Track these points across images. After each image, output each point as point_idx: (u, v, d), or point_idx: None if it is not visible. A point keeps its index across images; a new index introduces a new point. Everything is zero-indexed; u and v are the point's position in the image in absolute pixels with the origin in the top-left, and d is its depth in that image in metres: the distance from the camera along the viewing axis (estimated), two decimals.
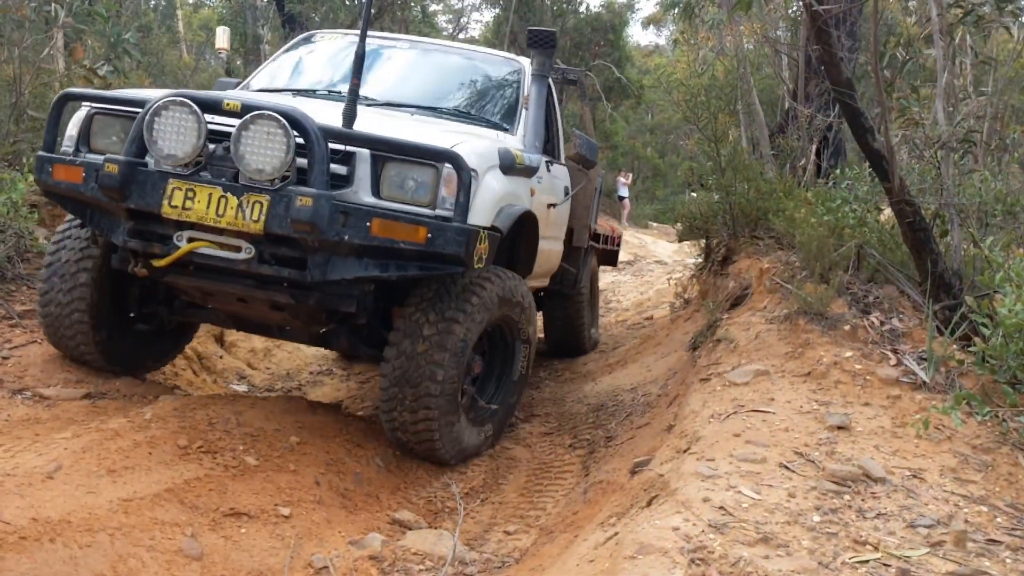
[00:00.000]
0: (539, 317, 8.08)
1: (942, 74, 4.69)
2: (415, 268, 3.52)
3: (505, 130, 4.76)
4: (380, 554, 3.13)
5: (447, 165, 3.44)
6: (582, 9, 25.32)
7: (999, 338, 3.14)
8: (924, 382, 3.42)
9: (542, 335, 7.29)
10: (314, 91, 4.89)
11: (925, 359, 3.56)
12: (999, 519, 2.52)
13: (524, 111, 4.93)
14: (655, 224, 24.01)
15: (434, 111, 4.77)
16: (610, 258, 8.22)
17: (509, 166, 4.03)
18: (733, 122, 8.34)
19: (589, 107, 7.12)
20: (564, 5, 24.82)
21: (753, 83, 8.19)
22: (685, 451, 3.04)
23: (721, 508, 2.42)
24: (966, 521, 2.48)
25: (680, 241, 8.45)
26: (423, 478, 4.06)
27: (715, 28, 10.70)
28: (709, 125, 6.30)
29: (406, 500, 3.78)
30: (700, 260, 7.07)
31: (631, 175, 26.11)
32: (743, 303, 4.91)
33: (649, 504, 2.67)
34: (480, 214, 3.63)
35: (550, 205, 5.02)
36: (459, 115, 4.83)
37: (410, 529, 3.43)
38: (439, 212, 3.46)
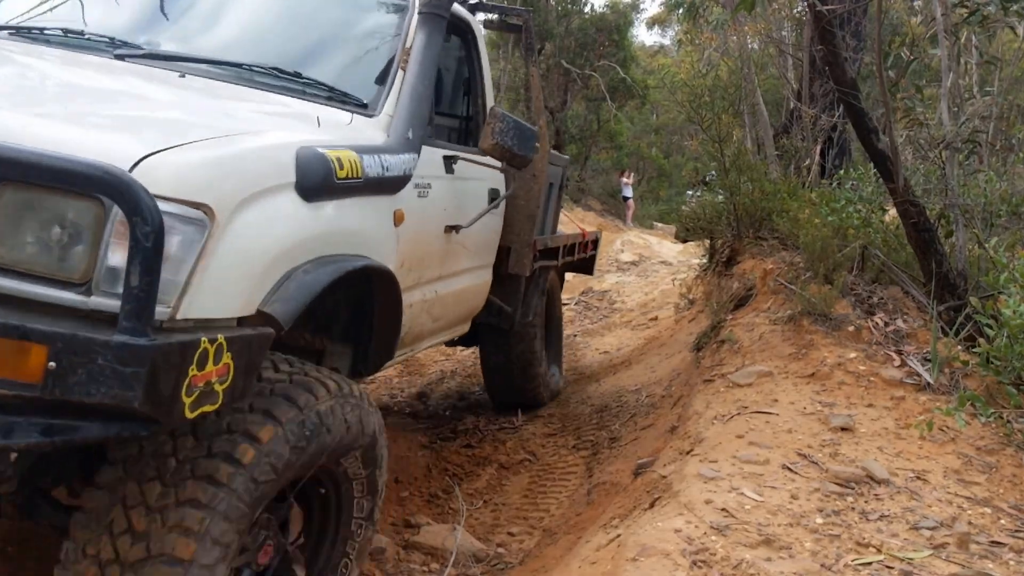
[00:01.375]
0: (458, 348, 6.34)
1: (947, 74, 4.68)
2: (35, 432, 1.66)
3: (361, 106, 2.95)
4: (383, 555, 3.14)
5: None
6: (587, 10, 25.31)
7: (1003, 339, 3.14)
8: (928, 383, 3.42)
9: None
10: (43, 30, 2.99)
11: (929, 360, 3.55)
12: (1003, 521, 2.52)
13: (400, 74, 3.08)
14: (660, 224, 23.98)
15: (237, 70, 2.95)
16: (584, 266, 6.47)
17: (319, 184, 2.24)
18: (737, 122, 8.33)
19: (537, 68, 4.52)
20: (569, 5, 24.80)
21: (757, 83, 8.19)
22: (688, 452, 3.04)
23: (723, 510, 2.42)
24: (969, 523, 2.48)
25: (682, 242, 8.35)
26: (426, 479, 4.07)
27: (719, 28, 10.69)
28: (713, 126, 6.30)
29: (409, 501, 3.79)
30: (704, 261, 7.06)
31: (633, 175, 26.09)
32: (747, 304, 4.90)
33: (652, 506, 2.67)
34: (215, 294, 1.85)
35: (451, 228, 3.36)
36: (280, 79, 2.96)
37: (411, 528, 3.43)
38: (96, 301, 1.72)
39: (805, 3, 5.62)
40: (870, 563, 2.18)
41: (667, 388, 5.20)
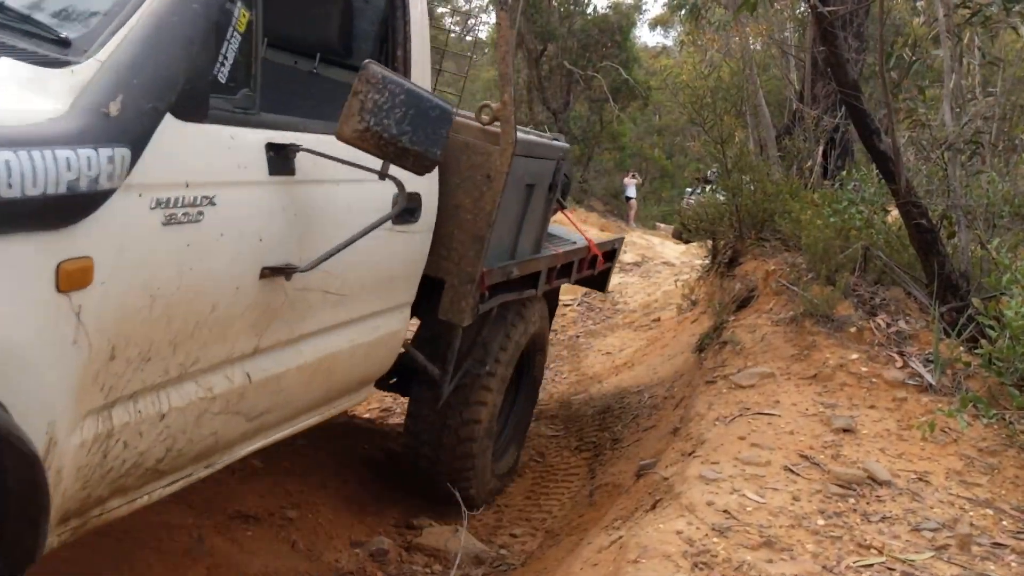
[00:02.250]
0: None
1: (949, 75, 4.67)
2: None
3: (58, 45, 1.66)
4: (386, 556, 3.15)
5: None
6: (589, 11, 25.32)
7: (1006, 340, 3.13)
8: (930, 384, 3.42)
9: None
10: None
11: (931, 361, 3.55)
12: (1005, 522, 2.52)
13: None
14: (662, 225, 24.00)
15: None
16: (595, 282, 4.97)
17: None
18: (739, 123, 8.32)
19: (507, 12, 3.17)
20: (571, 6, 24.81)
21: (759, 84, 8.18)
22: (690, 454, 3.04)
23: (725, 511, 2.42)
24: (971, 524, 2.47)
25: (684, 243, 8.32)
26: None
27: (721, 29, 10.69)
28: (715, 127, 6.29)
29: (412, 503, 3.79)
30: (706, 262, 7.06)
31: (637, 175, 26.09)
32: (749, 305, 4.90)
33: (653, 507, 2.67)
34: None
35: (278, 271, 2.09)
36: None
37: (413, 529, 3.44)
38: None
39: (807, 4, 5.63)
40: (871, 565, 2.18)
41: (669, 389, 5.19)
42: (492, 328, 3.49)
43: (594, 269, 4.54)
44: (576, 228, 4.52)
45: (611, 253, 4.84)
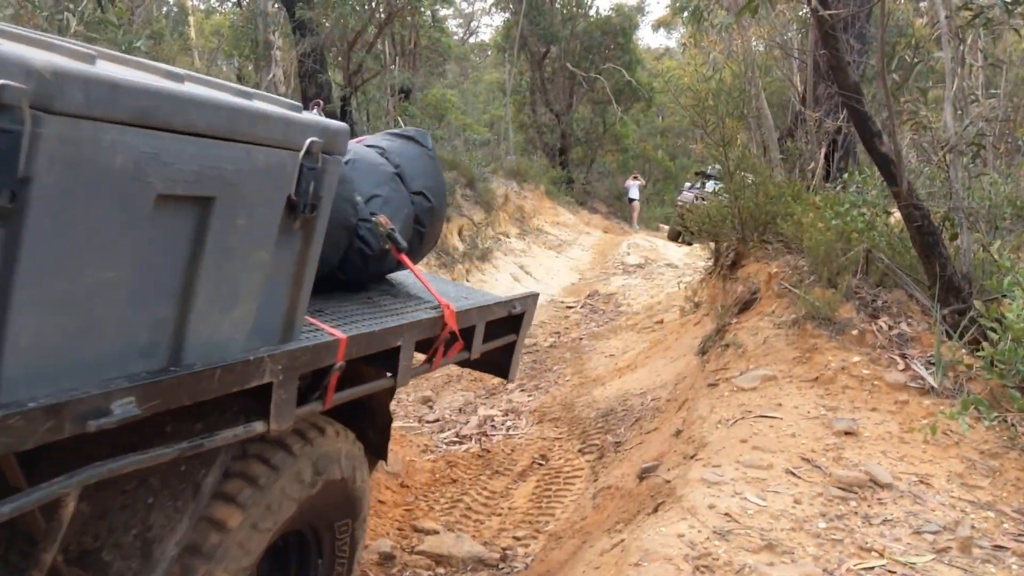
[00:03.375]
0: None
1: (951, 77, 4.67)
2: None
3: None
4: (390, 559, 3.16)
5: None
6: (592, 12, 25.35)
7: (1007, 342, 3.13)
8: (932, 387, 3.42)
9: None
10: None
11: (933, 364, 3.55)
12: (1006, 525, 2.52)
13: None
14: (665, 226, 24.00)
15: None
16: (494, 366, 3.15)
17: None
18: (742, 126, 8.32)
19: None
20: (574, 8, 24.84)
21: (762, 86, 8.18)
22: (692, 457, 3.05)
23: (726, 515, 2.43)
24: (973, 527, 2.48)
25: (687, 245, 8.32)
26: (431, 484, 4.08)
27: (723, 32, 10.69)
28: (717, 129, 6.30)
29: (415, 506, 3.80)
30: (709, 264, 7.07)
31: (640, 178, 26.09)
32: (751, 307, 4.91)
33: (655, 511, 2.68)
34: None
35: None
36: None
37: (418, 532, 3.45)
38: None
39: (808, 7, 5.63)
40: (872, 568, 2.19)
41: (672, 392, 5.20)
42: (161, 511, 1.67)
43: (470, 352, 2.74)
44: (426, 285, 2.70)
45: (512, 320, 3.02)
